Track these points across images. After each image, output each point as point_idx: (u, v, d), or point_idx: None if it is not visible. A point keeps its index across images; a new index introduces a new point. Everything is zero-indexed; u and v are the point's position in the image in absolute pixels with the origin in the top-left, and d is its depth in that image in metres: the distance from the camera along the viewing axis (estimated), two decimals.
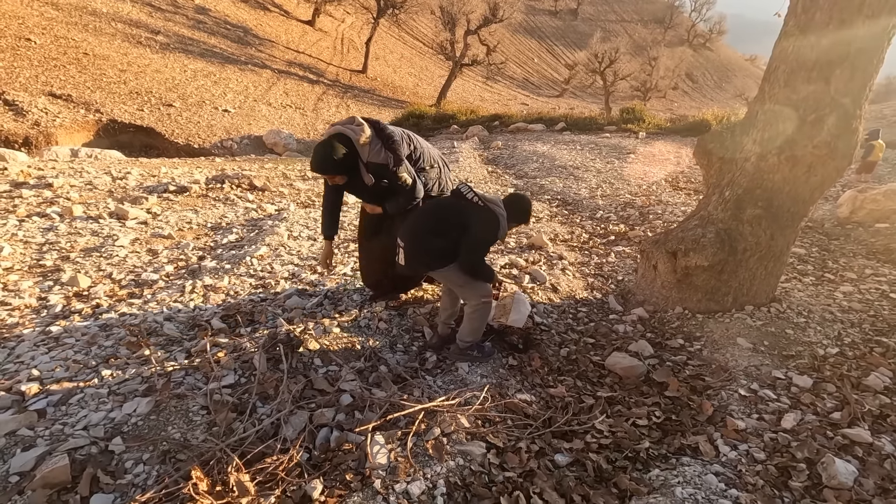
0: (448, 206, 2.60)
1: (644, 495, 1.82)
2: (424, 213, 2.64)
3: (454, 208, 2.56)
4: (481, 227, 2.49)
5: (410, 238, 2.55)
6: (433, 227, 2.53)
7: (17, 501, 1.63)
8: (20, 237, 4.01)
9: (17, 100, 13.10)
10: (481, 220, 2.49)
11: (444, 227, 2.51)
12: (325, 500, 1.73)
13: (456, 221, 2.50)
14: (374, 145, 2.53)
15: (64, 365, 2.30)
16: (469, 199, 2.54)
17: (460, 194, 2.58)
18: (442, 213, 2.58)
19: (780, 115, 2.78)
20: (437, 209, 2.63)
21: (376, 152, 2.53)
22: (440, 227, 2.51)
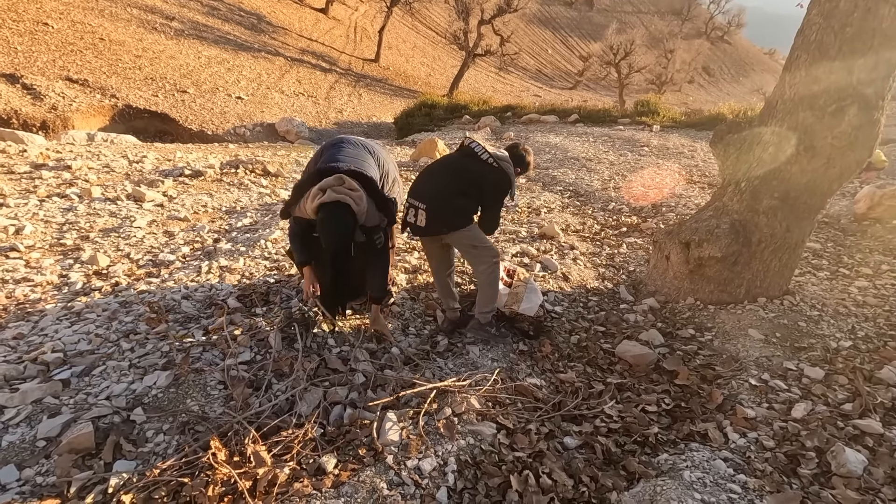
0: (466, 167, 2.62)
1: (652, 478, 1.84)
2: (444, 173, 2.65)
3: (471, 169, 2.60)
4: (499, 188, 2.61)
5: (434, 197, 2.56)
6: (457, 186, 2.56)
7: (44, 464, 1.69)
8: (41, 217, 4.09)
9: (35, 84, 13.26)
10: (498, 181, 2.59)
11: (466, 187, 2.56)
12: (339, 473, 1.78)
13: (475, 181, 2.56)
14: (367, 205, 2.33)
15: (86, 338, 2.37)
16: (484, 161, 2.59)
17: (473, 154, 2.62)
18: (463, 173, 2.60)
19: (800, 105, 2.75)
20: (457, 169, 2.64)
21: (371, 216, 2.37)
22: (462, 187, 2.56)
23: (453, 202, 2.55)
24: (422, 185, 2.64)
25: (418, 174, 2.76)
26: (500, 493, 1.78)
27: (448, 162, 2.74)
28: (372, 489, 1.71)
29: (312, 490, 1.68)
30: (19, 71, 13.65)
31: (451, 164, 2.71)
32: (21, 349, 2.26)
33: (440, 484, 1.78)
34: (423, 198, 2.58)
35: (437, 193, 2.57)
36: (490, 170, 2.60)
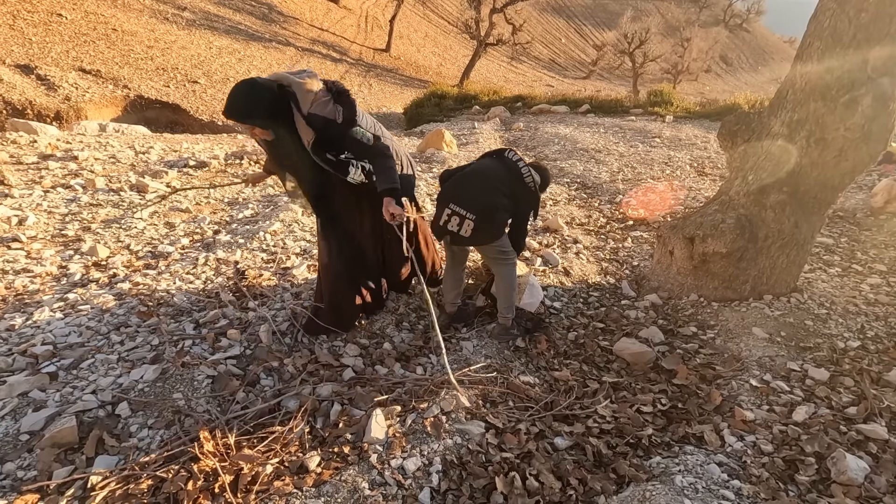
0: (510, 182, 2.56)
1: (643, 482, 1.79)
2: (490, 183, 2.53)
3: (514, 187, 2.56)
4: (530, 207, 2.65)
5: (484, 207, 2.46)
6: (502, 200, 2.51)
7: (26, 458, 1.69)
8: (45, 207, 4.12)
9: (49, 75, 13.40)
10: (532, 202, 2.64)
11: (507, 202, 2.53)
12: (322, 472, 1.75)
13: (514, 198, 2.55)
14: (323, 95, 1.99)
15: (77, 331, 2.37)
16: (526, 184, 2.58)
17: (519, 174, 2.58)
18: (507, 188, 2.54)
19: (811, 95, 2.63)
20: (502, 182, 2.55)
21: (323, 103, 1.97)
22: (505, 201, 2.52)
23: (498, 216, 2.54)
24: (467, 193, 2.50)
25: (454, 179, 2.62)
26: (485, 494, 1.74)
27: (494, 173, 2.59)
28: (353, 489, 1.68)
29: (293, 489, 1.66)
30: (34, 62, 13.80)
31: (497, 176, 2.58)
32: (12, 341, 2.27)
33: (423, 484, 1.75)
34: (471, 207, 2.45)
35: (487, 204, 2.48)
36: (530, 193, 2.62)
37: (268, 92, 1.90)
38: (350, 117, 1.99)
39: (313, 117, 1.95)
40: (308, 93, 1.94)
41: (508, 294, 2.68)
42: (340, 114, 1.97)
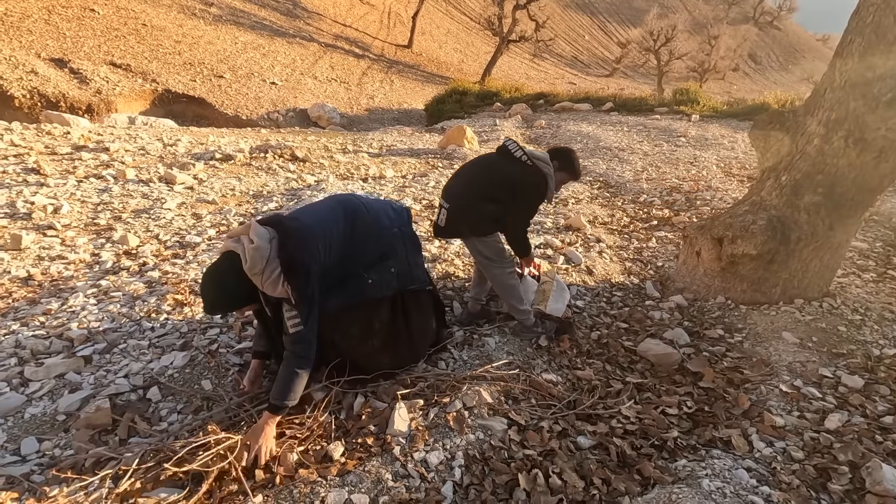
0: (499, 169, 2.47)
1: (668, 484, 1.76)
2: (474, 172, 2.52)
3: (502, 168, 2.45)
4: (530, 191, 2.43)
5: (458, 196, 2.46)
6: (483, 187, 2.44)
7: (62, 438, 1.75)
8: (78, 197, 4.24)
9: (82, 68, 13.79)
10: (530, 184, 2.41)
11: (494, 190, 2.42)
12: (346, 462, 1.77)
13: (505, 182, 2.42)
14: (271, 271, 1.70)
15: (110, 316, 2.44)
16: (517, 158, 2.43)
17: (508, 153, 2.46)
18: (495, 175, 2.46)
19: (851, 93, 2.54)
20: (490, 170, 2.50)
21: (272, 282, 1.71)
22: (493, 191, 2.43)
23: (478, 205, 2.44)
24: (451, 184, 2.54)
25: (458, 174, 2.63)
26: (508, 491, 1.74)
27: (479, 161, 2.61)
28: (377, 479, 1.69)
29: (318, 477, 1.68)
30: (67, 56, 14.21)
31: (481, 162, 2.58)
32: (49, 325, 2.35)
33: (446, 478, 1.75)
34: (448, 197, 2.49)
35: (461, 193, 2.48)
36: (523, 169, 2.42)
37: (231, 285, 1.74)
38: (299, 296, 1.75)
39: (268, 297, 1.83)
40: (257, 276, 1.71)
41: (509, 301, 2.63)
42: (290, 293, 1.74)
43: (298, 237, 1.78)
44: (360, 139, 9.13)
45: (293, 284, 1.72)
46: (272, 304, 1.87)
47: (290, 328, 1.77)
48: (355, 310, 2.05)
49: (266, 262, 1.69)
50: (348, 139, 9.01)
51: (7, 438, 1.71)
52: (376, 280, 2.03)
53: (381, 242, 2.07)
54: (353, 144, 8.29)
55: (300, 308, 1.76)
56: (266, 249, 1.70)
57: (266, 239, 1.72)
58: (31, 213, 3.79)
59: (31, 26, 14.84)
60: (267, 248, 1.70)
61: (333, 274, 1.93)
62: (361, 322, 2.09)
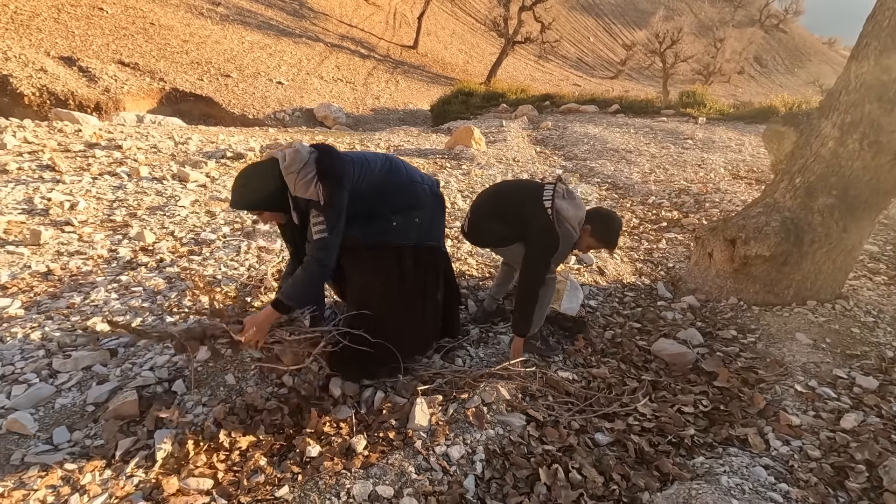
0: (515, 200, 2.41)
1: (687, 480, 1.78)
2: (496, 195, 2.53)
3: (521, 213, 2.34)
4: (535, 243, 2.28)
5: (475, 211, 2.52)
6: (493, 210, 2.48)
7: (92, 428, 1.78)
8: (93, 193, 4.28)
9: (91, 67, 13.87)
10: (536, 237, 2.27)
11: (504, 214, 2.43)
12: (368, 455, 1.80)
13: (519, 218, 2.35)
14: (306, 173, 1.80)
15: (133, 310, 2.47)
16: (541, 205, 2.27)
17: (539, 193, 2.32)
18: (508, 205, 2.43)
19: (866, 96, 2.56)
20: (506, 198, 2.49)
21: (305, 183, 1.80)
22: (500, 212, 2.46)
23: (488, 225, 2.48)
24: (480, 199, 2.57)
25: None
26: (528, 485, 1.77)
27: (508, 188, 2.59)
28: (400, 472, 1.72)
29: (342, 469, 1.71)
30: (76, 54, 14.30)
31: (508, 190, 2.56)
32: (73, 318, 2.38)
33: (468, 472, 1.78)
34: (472, 209, 2.56)
35: (478, 210, 2.53)
36: (543, 222, 2.25)
37: (262, 178, 1.85)
38: (329, 199, 1.82)
39: (298, 200, 1.88)
40: (290, 173, 1.82)
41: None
42: (321, 194, 1.80)
43: (336, 154, 1.91)
44: (367, 139, 9.17)
45: (325, 186, 1.80)
46: (300, 211, 1.90)
47: (315, 234, 1.83)
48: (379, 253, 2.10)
49: (303, 164, 1.81)
50: (355, 139, 9.05)
51: (39, 428, 1.74)
52: (401, 224, 2.08)
53: (412, 194, 2.12)
54: (361, 144, 8.33)
55: (327, 213, 1.82)
56: (306, 155, 1.85)
57: (307, 150, 1.87)
58: (48, 209, 3.83)
59: (41, 24, 14.95)
60: (307, 155, 1.85)
61: (362, 206, 1.98)
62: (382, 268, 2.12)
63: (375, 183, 2.02)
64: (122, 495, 1.54)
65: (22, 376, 1.95)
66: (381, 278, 2.13)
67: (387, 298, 2.13)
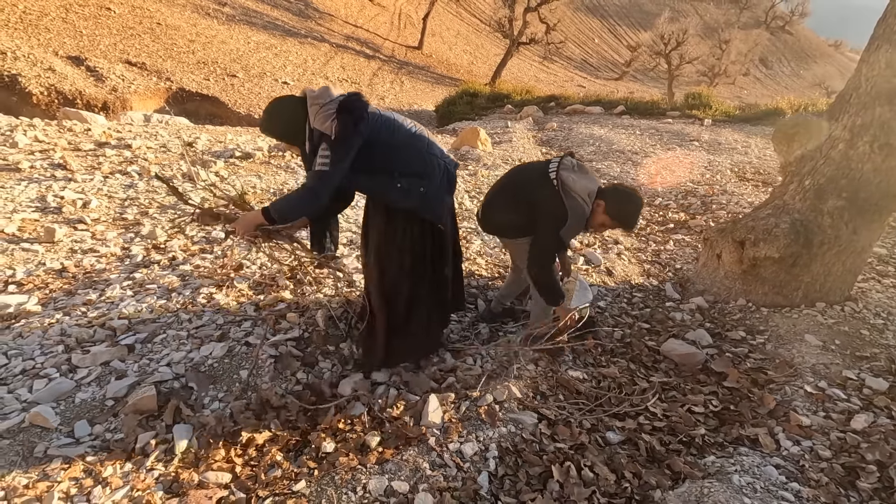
0: (526, 183, 2.36)
1: (698, 479, 1.80)
2: (504, 181, 2.50)
3: (528, 188, 2.31)
4: (545, 219, 2.22)
5: (487, 199, 2.53)
6: (500, 197, 2.47)
7: (112, 422, 1.81)
8: (105, 192, 4.32)
9: (98, 66, 13.96)
10: (545, 212, 2.20)
11: (512, 201, 2.39)
12: (383, 451, 1.82)
13: (526, 198, 2.31)
14: (328, 108, 1.88)
15: (148, 307, 2.50)
16: (548, 178, 2.22)
17: (545, 168, 2.27)
18: (514, 186, 2.42)
19: (877, 99, 2.57)
20: (511, 180, 2.47)
21: (324, 117, 1.87)
22: (507, 199, 2.43)
23: (497, 214, 2.47)
24: (495, 184, 2.56)
25: None
26: (541, 482, 1.78)
27: (518, 170, 2.54)
28: (415, 468, 1.74)
29: (358, 464, 1.74)
30: (84, 53, 14.39)
31: (517, 171, 2.52)
32: (91, 314, 2.42)
33: (481, 468, 1.80)
34: (487, 194, 2.56)
35: (489, 199, 2.53)
36: (549, 193, 2.21)
37: (287, 111, 1.96)
38: (341, 134, 1.88)
39: (314, 132, 1.94)
40: (314, 104, 1.91)
41: (538, 311, 2.58)
42: (334, 129, 1.88)
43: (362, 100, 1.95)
44: None
45: (340, 121, 1.86)
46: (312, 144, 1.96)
47: (317, 165, 1.89)
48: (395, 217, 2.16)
49: (329, 99, 1.90)
50: None
51: (61, 421, 1.77)
52: (404, 187, 2.07)
53: (425, 164, 2.13)
54: None
55: (335, 148, 1.88)
56: (334, 93, 1.93)
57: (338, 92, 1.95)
58: (60, 207, 3.87)
59: (49, 24, 15.06)
60: (335, 94, 1.92)
61: (374, 159, 2.01)
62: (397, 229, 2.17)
63: (395, 141, 2.06)
64: (143, 488, 1.57)
65: (42, 371, 1.98)
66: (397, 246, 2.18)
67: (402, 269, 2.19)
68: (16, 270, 2.90)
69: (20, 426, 1.74)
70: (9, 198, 3.87)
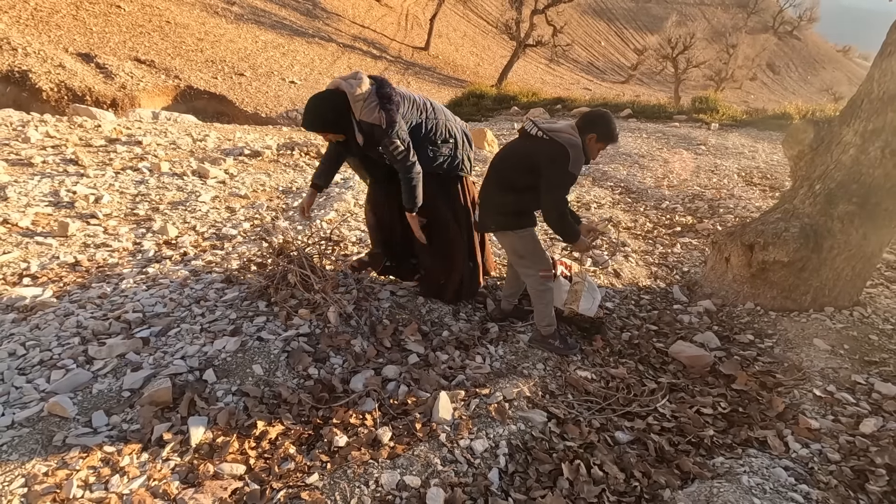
0: (517, 151, 2.41)
1: (708, 479, 1.81)
2: (497, 164, 2.50)
3: (523, 152, 2.37)
4: (550, 167, 2.27)
5: (481, 193, 2.55)
6: (506, 179, 2.42)
7: (128, 413, 1.84)
8: (116, 188, 4.37)
9: (107, 63, 14.07)
10: (548, 160, 2.26)
11: (516, 177, 2.38)
12: (394, 446, 1.84)
13: (525, 165, 2.34)
14: (370, 102, 2.24)
15: (162, 301, 2.53)
16: (534, 136, 2.32)
17: (526, 133, 2.40)
18: (513, 159, 2.42)
19: (889, 104, 2.58)
20: (509, 155, 2.46)
21: (370, 110, 2.23)
22: (513, 177, 2.39)
23: (494, 198, 2.47)
24: (484, 180, 2.56)
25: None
26: (551, 479, 1.80)
27: (503, 150, 2.56)
28: (427, 463, 1.76)
29: (370, 459, 1.76)
30: (93, 51, 14.50)
31: (503, 151, 2.54)
32: (106, 307, 2.45)
33: (492, 465, 1.81)
34: (480, 192, 2.58)
35: (485, 187, 2.53)
36: (540, 146, 2.30)
37: (332, 106, 2.27)
38: (390, 121, 2.26)
39: (363, 124, 2.29)
40: (357, 101, 2.25)
41: (537, 308, 2.57)
42: (383, 119, 2.25)
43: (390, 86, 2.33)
44: None
45: (387, 112, 2.24)
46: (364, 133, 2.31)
47: (397, 155, 2.32)
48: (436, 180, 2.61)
49: (368, 94, 2.24)
50: None
51: (78, 411, 1.80)
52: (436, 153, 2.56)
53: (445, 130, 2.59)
54: None
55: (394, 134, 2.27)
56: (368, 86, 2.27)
57: (368, 82, 2.29)
58: (73, 202, 3.91)
59: (60, 21, 15.18)
60: (370, 87, 2.27)
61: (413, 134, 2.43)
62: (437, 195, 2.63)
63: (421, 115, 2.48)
64: (159, 478, 1.59)
65: (60, 362, 2.01)
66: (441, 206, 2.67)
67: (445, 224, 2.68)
68: (30, 264, 2.94)
69: (39, 415, 1.77)
70: (22, 192, 3.92)
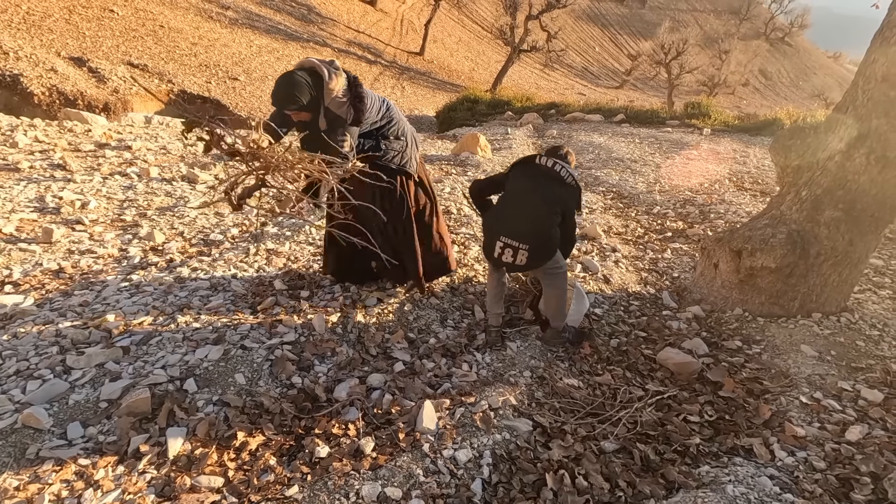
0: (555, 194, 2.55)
1: (692, 489, 1.80)
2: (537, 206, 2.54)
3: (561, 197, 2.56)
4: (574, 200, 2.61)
5: (536, 236, 2.51)
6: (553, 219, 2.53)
7: (105, 424, 1.80)
8: (104, 193, 4.33)
9: (100, 67, 13.99)
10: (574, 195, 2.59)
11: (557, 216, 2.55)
12: (377, 457, 1.82)
13: (563, 206, 2.55)
14: (343, 95, 2.33)
15: (144, 309, 2.50)
16: (568, 184, 2.56)
17: (559, 178, 2.55)
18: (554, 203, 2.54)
19: (874, 111, 2.59)
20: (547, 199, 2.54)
21: (340, 103, 2.32)
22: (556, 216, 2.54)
23: (552, 238, 2.56)
24: (517, 223, 2.54)
25: (501, 203, 2.68)
26: (535, 490, 1.78)
27: (537, 191, 2.58)
28: (409, 474, 1.74)
29: (351, 470, 1.73)
30: (86, 55, 14.42)
31: (541, 193, 2.57)
32: (86, 315, 2.41)
33: (475, 475, 1.79)
34: (524, 238, 2.49)
35: (538, 232, 2.52)
36: (572, 191, 2.59)
37: (309, 90, 2.27)
38: (356, 121, 2.38)
39: (328, 111, 2.36)
40: (330, 91, 2.30)
41: (560, 304, 2.70)
42: (350, 116, 2.36)
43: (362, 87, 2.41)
44: None
45: (355, 110, 2.35)
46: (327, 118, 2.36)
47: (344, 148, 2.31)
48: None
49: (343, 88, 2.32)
50: None
51: (54, 423, 1.77)
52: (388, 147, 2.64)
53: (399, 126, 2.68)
54: None
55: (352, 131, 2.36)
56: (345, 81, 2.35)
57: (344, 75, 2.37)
58: (59, 207, 3.87)
59: (52, 25, 15.11)
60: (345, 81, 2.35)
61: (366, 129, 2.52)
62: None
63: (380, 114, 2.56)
64: (134, 491, 1.56)
65: (36, 372, 1.98)
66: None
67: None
68: (13, 270, 2.90)
69: (13, 427, 1.73)
70: (7, 197, 3.88)
